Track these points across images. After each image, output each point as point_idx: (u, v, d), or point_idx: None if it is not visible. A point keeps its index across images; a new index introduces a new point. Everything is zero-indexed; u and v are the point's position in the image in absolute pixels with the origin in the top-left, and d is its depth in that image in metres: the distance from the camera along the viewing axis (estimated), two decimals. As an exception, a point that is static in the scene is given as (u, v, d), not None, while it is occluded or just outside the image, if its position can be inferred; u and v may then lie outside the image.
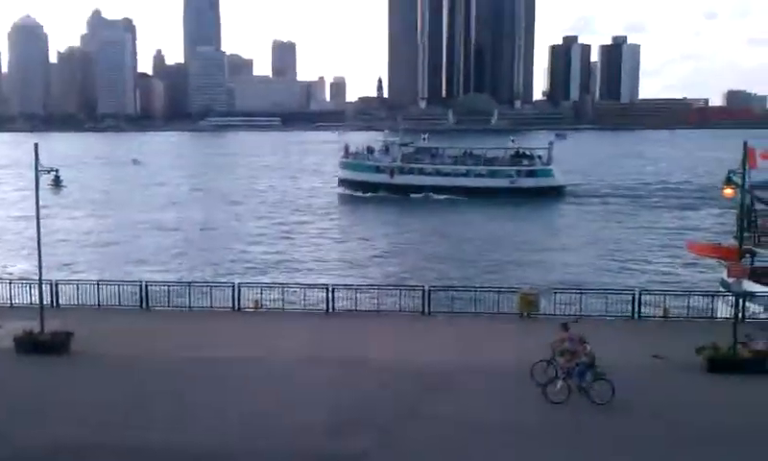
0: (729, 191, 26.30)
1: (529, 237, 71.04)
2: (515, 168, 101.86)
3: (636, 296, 31.30)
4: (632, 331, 29.51)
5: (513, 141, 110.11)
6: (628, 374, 22.42)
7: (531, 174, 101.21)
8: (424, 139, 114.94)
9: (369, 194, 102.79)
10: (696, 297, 31.87)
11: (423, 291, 32.39)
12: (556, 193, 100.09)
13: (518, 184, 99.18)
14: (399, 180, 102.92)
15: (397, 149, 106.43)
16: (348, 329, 29.56)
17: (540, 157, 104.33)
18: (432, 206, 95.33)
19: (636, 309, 30.91)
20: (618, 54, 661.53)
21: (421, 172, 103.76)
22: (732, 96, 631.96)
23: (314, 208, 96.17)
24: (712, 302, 31.12)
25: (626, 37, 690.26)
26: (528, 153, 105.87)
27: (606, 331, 29.11)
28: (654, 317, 31.12)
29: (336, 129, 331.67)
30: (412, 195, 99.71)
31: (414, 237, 71.50)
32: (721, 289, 32.96)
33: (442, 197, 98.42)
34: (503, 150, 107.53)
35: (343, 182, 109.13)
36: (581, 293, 31.92)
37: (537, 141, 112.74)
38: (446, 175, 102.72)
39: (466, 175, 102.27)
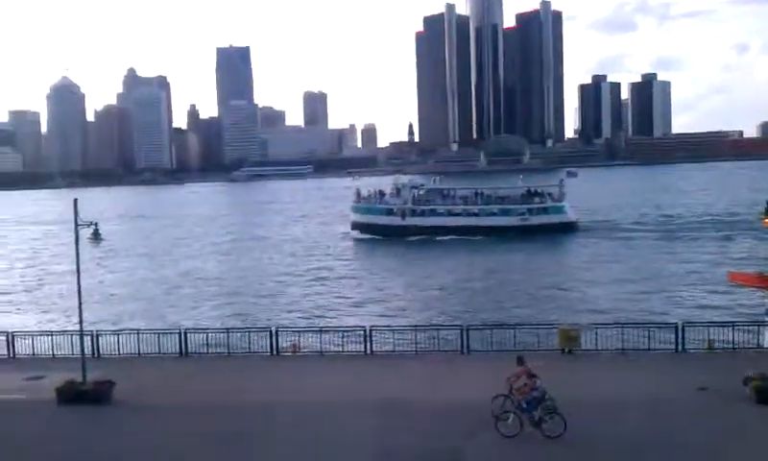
0: (769, 220, 25.92)
1: (552, 272, 70.75)
2: (526, 206, 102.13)
3: (680, 328, 30.69)
4: (676, 364, 28.90)
5: (521, 179, 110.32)
6: (671, 407, 21.88)
7: (543, 211, 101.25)
8: (434, 181, 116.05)
9: (380, 237, 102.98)
10: (740, 328, 31.15)
11: (461, 329, 32.11)
12: (568, 229, 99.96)
13: (530, 222, 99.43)
14: (411, 221, 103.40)
15: (408, 191, 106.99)
16: (387, 370, 29.35)
17: (550, 194, 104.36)
18: (446, 246, 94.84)
19: (680, 342, 30.27)
20: (649, 90, 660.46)
21: (433, 213, 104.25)
22: (767, 127, 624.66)
23: (335, 252, 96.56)
24: (758, 332, 30.36)
25: (656, 74, 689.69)
26: (539, 190, 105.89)
27: (649, 365, 28.70)
28: (699, 349, 30.44)
29: (354, 174, 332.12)
30: (424, 236, 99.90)
31: (438, 278, 70.91)
32: (766, 319, 32.21)
33: (453, 237, 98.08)
34: (513, 188, 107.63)
35: (356, 226, 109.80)
36: (622, 327, 31.41)
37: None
38: (458, 215, 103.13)
39: (477, 214, 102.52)
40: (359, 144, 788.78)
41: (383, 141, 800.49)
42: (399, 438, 21.76)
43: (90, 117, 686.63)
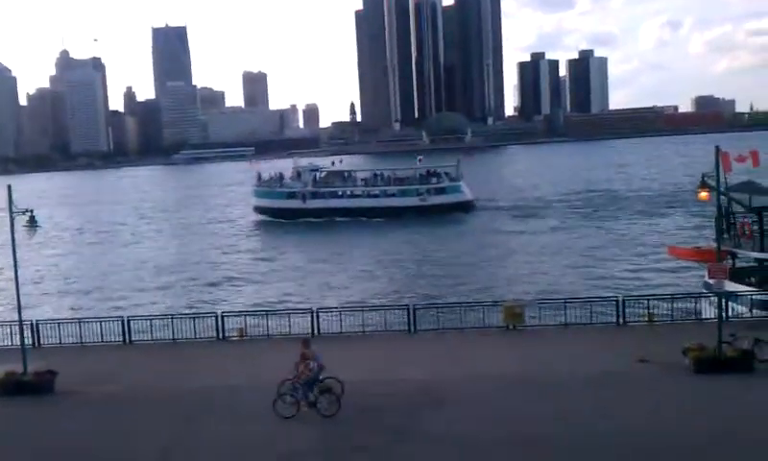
0: (704, 194, 26.64)
1: (466, 251, 72.46)
2: (424, 186, 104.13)
3: (620, 302, 31.45)
4: (617, 337, 29.64)
5: (419, 160, 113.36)
6: (612, 379, 22.40)
7: (440, 191, 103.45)
8: (333, 163, 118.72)
9: (281, 220, 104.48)
10: (680, 300, 32.05)
11: (408, 309, 32.34)
12: (465, 208, 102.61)
13: (428, 202, 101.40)
14: (312, 204, 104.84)
15: (309, 174, 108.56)
16: (334, 351, 29.42)
17: (447, 174, 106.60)
18: (346, 227, 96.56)
19: (621, 315, 31.02)
20: (586, 67, 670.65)
21: (333, 195, 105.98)
22: (701, 102, 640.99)
23: (235, 234, 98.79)
24: (696, 304, 31.27)
25: (593, 51, 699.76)
26: (437, 171, 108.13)
27: (592, 339, 29.40)
28: (639, 322, 31.25)
29: (251, 159, 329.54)
30: (326, 218, 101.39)
31: (357, 258, 72.26)
32: (704, 291, 33.19)
33: (353, 219, 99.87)
34: (412, 169, 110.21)
35: (258, 209, 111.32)
36: (565, 302, 32.04)
37: (506, 157, 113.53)
38: (358, 196, 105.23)
39: (377, 196, 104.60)
40: (301, 124, 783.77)
41: (325, 121, 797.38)
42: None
43: (23, 101, 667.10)
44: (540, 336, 30.51)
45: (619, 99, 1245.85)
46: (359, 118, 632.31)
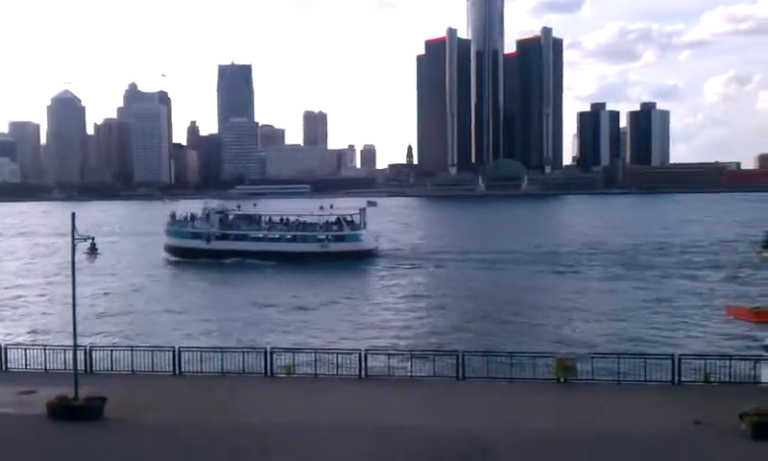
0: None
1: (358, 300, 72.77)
2: (324, 233, 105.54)
3: (676, 360, 30.59)
4: (672, 397, 28.78)
5: (321, 208, 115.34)
6: (666, 442, 21.71)
7: (340, 239, 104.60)
8: (238, 207, 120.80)
9: (186, 259, 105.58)
10: (738, 361, 31.03)
11: (458, 356, 31.92)
12: (365, 256, 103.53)
13: (328, 249, 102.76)
14: (215, 245, 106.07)
15: (215, 216, 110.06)
16: (382, 394, 29.22)
17: (351, 222, 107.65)
18: (246, 270, 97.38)
19: (676, 374, 30.14)
20: (648, 119, 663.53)
21: (237, 238, 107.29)
22: (765, 159, 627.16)
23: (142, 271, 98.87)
24: (755, 366, 30.22)
25: (655, 103, 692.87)
26: (342, 218, 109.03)
27: (646, 397, 28.59)
28: (695, 382, 30.31)
29: (165, 198, 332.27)
30: (227, 260, 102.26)
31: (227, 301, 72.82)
32: (763, 354, 32.09)
33: (255, 261, 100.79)
34: (318, 216, 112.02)
35: (167, 248, 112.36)
36: (619, 358, 31.30)
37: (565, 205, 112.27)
38: (260, 240, 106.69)
39: (278, 240, 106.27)
40: (358, 165, 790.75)
41: (382, 163, 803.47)
42: None
43: (90, 130, 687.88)
44: (592, 392, 29.76)
45: (681, 153, 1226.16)
46: (415, 161, 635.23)
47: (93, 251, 29.43)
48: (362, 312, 65.49)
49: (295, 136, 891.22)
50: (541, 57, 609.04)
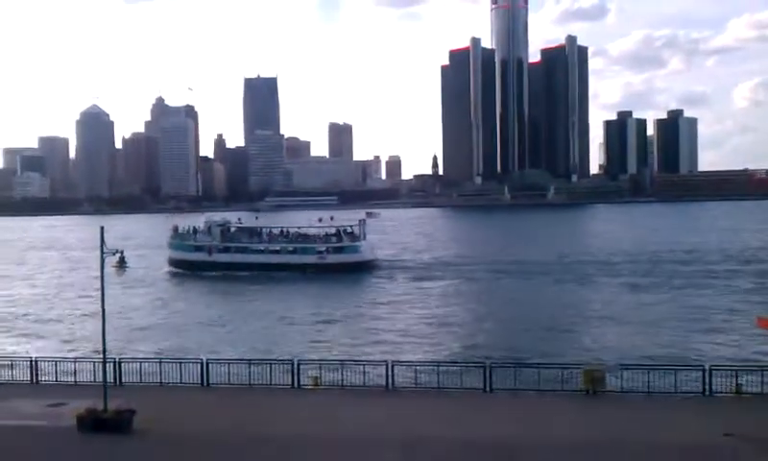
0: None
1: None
2: (324, 245, 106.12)
3: (707, 371, 30.17)
4: (703, 408, 28.38)
5: (320, 220, 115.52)
6: (697, 454, 21.41)
7: (339, 250, 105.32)
8: (239, 220, 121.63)
9: (189, 272, 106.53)
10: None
11: (485, 367, 31.74)
12: (364, 268, 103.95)
13: (327, 260, 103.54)
14: (217, 258, 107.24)
15: (216, 228, 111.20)
16: (410, 407, 29.11)
17: (351, 233, 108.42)
18: (251, 282, 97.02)
19: (707, 385, 29.74)
20: (675, 127, 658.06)
21: (238, 250, 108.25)
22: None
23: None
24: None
25: (682, 111, 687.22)
26: (341, 229, 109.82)
27: (676, 408, 28.24)
28: (725, 393, 29.88)
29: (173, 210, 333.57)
30: (229, 272, 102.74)
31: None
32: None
33: (255, 273, 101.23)
34: (319, 227, 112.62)
35: (170, 261, 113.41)
36: (649, 369, 30.95)
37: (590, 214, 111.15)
38: (261, 252, 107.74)
39: (279, 252, 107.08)
40: (383, 176, 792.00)
41: (407, 173, 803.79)
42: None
43: (119, 144, 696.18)
44: (621, 404, 29.43)
45: (710, 160, 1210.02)
46: (441, 171, 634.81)
47: (122, 264, 29.78)
48: (373, 324, 65.10)
49: (320, 148, 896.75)
50: (567, 65, 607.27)
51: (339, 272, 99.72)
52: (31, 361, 34.52)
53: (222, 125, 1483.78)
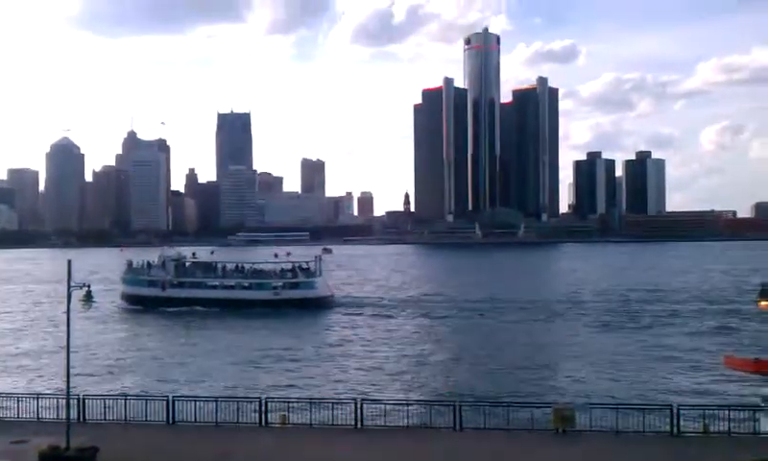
0: (765, 303, 25.92)
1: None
2: (280, 281, 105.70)
3: (675, 411, 30.33)
4: (671, 448, 28.47)
5: (276, 256, 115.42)
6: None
7: (294, 286, 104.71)
8: (194, 254, 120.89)
9: (141, 307, 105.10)
10: (736, 411, 30.78)
11: (454, 406, 31.62)
12: (320, 304, 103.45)
13: (282, 296, 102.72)
14: (170, 293, 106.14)
15: (171, 263, 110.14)
16: (378, 447, 28.85)
17: (305, 269, 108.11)
18: (204, 318, 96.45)
19: (675, 425, 29.89)
20: (643, 168, 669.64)
21: (192, 285, 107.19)
22: (761, 208, 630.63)
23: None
24: (754, 417, 29.98)
25: (650, 152, 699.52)
26: (297, 265, 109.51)
27: (644, 448, 28.29)
28: (693, 433, 30.04)
29: (123, 246, 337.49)
30: (181, 308, 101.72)
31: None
32: (762, 404, 31.85)
33: (207, 309, 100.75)
34: (273, 263, 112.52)
35: (123, 296, 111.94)
36: (617, 408, 31.03)
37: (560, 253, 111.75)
38: (215, 288, 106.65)
39: (233, 287, 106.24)
40: (355, 212, 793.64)
41: (380, 210, 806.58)
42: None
43: (89, 177, 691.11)
44: (590, 443, 29.42)
45: (677, 201, 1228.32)
46: (413, 208, 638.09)
47: (89, 298, 29.36)
48: (339, 362, 64.66)
49: (293, 184, 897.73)
50: (538, 106, 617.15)
51: (293, 308, 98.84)
52: (-8, 397, 33.78)
53: (194, 159, 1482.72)
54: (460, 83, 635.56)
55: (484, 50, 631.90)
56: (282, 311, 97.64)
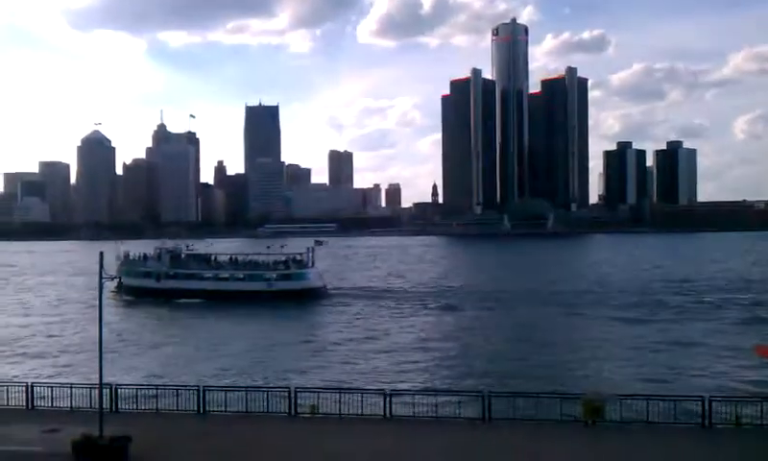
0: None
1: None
2: (272, 272, 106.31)
3: (707, 402, 29.93)
4: (702, 440, 28.16)
5: (268, 248, 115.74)
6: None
7: (286, 277, 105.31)
8: (188, 246, 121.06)
9: (136, 298, 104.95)
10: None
11: (483, 396, 31.55)
12: (312, 295, 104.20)
13: (275, 288, 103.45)
14: (165, 284, 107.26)
15: (166, 255, 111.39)
16: (406, 437, 28.89)
17: (299, 261, 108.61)
18: (197, 308, 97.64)
19: (707, 416, 29.50)
20: (674, 158, 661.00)
21: (187, 277, 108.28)
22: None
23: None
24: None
25: (682, 142, 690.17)
26: (290, 257, 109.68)
27: (675, 441, 27.99)
28: (725, 424, 29.64)
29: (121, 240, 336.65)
30: (177, 300, 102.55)
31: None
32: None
33: (199, 301, 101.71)
34: (266, 255, 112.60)
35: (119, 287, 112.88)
36: (648, 399, 30.68)
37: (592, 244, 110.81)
38: (208, 279, 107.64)
39: (228, 279, 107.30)
40: (383, 204, 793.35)
41: (407, 202, 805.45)
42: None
43: (119, 170, 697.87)
44: (620, 435, 29.15)
45: (709, 191, 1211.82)
46: (441, 200, 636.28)
47: (120, 289, 29.68)
48: (355, 351, 64.86)
49: (321, 176, 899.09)
50: (566, 96, 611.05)
51: (287, 299, 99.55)
52: (26, 386, 34.29)
53: (223, 152, 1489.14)
54: (488, 74, 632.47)
55: (512, 40, 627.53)
56: (275, 303, 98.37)
